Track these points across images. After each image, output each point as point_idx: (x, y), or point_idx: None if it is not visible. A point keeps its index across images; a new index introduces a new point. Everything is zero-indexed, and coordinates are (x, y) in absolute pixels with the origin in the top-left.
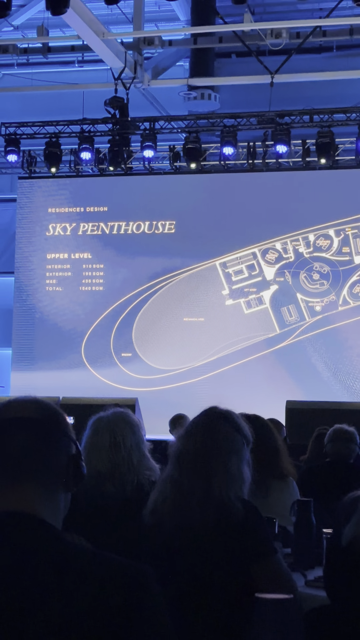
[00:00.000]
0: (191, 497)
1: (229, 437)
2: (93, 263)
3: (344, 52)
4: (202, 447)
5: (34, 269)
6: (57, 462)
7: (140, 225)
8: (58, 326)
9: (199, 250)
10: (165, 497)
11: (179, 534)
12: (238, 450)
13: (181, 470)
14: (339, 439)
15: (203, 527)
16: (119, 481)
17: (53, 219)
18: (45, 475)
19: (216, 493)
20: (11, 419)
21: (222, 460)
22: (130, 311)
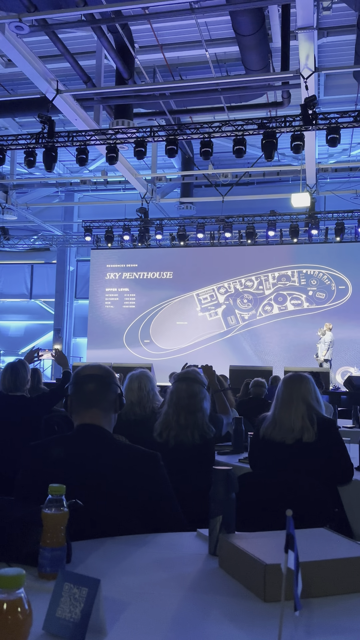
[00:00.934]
0: (186, 429)
1: (200, 390)
2: (129, 294)
3: (260, 186)
4: (189, 401)
5: (99, 296)
6: (110, 397)
7: (155, 274)
8: (111, 326)
9: (185, 287)
10: (170, 428)
11: (180, 449)
12: (204, 395)
13: (179, 414)
14: (257, 385)
15: (193, 444)
16: (142, 406)
17: (109, 270)
18: (104, 404)
19: (199, 421)
20: (86, 375)
21: (200, 404)
22: (149, 318)
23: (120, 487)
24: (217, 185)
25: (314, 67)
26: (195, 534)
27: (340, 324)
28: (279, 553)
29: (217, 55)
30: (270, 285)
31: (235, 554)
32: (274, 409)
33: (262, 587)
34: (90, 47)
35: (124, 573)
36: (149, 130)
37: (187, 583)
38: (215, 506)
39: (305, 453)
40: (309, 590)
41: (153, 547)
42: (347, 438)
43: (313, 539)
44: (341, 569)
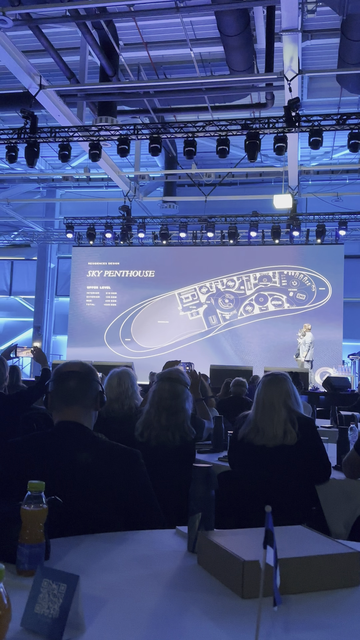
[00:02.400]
0: (167, 430)
1: (182, 390)
2: (111, 292)
3: (242, 186)
4: (172, 401)
5: (80, 293)
6: (91, 394)
7: (136, 272)
8: (92, 324)
9: (167, 286)
10: (152, 428)
11: (161, 449)
12: (187, 395)
13: (160, 413)
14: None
15: (173, 444)
16: (121, 403)
17: (90, 268)
18: (85, 401)
19: (180, 422)
20: (67, 371)
21: (182, 405)
22: (130, 317)
23: (100, 484)
24: (200, 185)
25: (297, 70)
26: (174, 531)
27: (320, 325)
28: (257, 550)
29: (201, 54)
30: (251, 285)
31: (213, 551)
32: (255, 413)
33: (240, 584)
34: (75, 43)
35: (102, 570)
36: (133, 128)
37: (165, 580)
38: (195, 503)
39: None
40: (286, 587)
41: (132, 545)
42: (326, 437)
43: (291, 536)
44: (318, 566)
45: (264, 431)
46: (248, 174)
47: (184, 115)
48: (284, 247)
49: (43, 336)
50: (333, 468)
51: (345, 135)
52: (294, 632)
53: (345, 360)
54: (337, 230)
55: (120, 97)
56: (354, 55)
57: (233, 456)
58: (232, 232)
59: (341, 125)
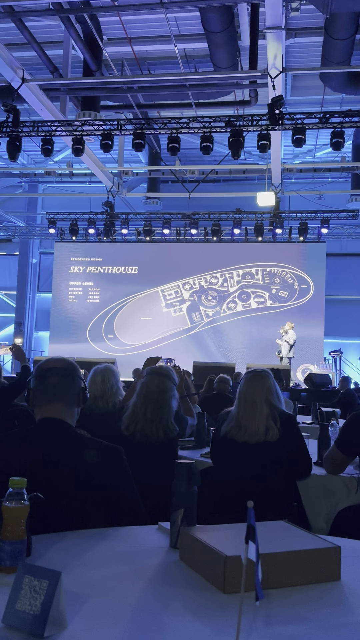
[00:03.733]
0: (152, 424)
1: (170, 387)
2: (94, 288)
3: (226, 183)
4: (159, 395)
5: (62, 289)
6: (74, 391)
7: (119, 269)
8: (74, 320)
9: (150, 283)
10: (137, 421)
11: (144, 443)
12: (174, 393)
13: (146, 407)
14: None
15: (157, 439)
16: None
17: (73, 264)
18: (68, 398)
19: (165, 417)
20: (50, 367)
21: (169, 401)
22: (113, 313)
23: (83, 481)
24: (184, 181)
25: (281, 67)
26: (157, 527)
27: (302, 322)
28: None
29: (185, 51)
30: (234, 282)
31: (195, 547)
32: (237, 410)
33: (222, 579)
34: (58, 37)
35: (84, 566)
36: (116, 123)
37: (147, 576)
38: (177, 499)
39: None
40: (267, 582)
41: (114, 541)
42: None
43: (273, 531)
44: (300, 561)
45: (246, 428)
46: (231, 171)
47: (168, 111)
48: (267, 245)
49: (25, 332)
50: (314, 464)
51: (327, 133)
52: (275, 626)
53: (326, 357)
54: (320, 228)
55: (103, 92)
56: (337, 54)
57: (215, 453)
58: (215, 229)
59: (324, 123)
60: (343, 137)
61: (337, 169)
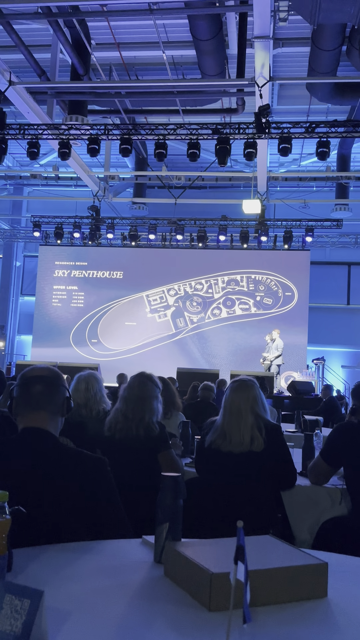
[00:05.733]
0: (132, 422)
1: (152, 388)
2: (78, 292)
3: (212, 190)
4: (139, 394)
5: (46, 293)
6: (58, 400)
7: (104, 273)
8: (58, 324)
9: (135, 288)
10: (117, 421)
11: (125, 442)
12: (156, 395)
13: (127, 407)
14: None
15: (137, 438)
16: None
17: (57, 267)
18: (52, 407)
19: (146, 419)
20: (34, 376)
21: (150, 400)
22: (97, 318)
23: (65, 493)
24: (170, 187)
25: (268, 77)
26: (141, 540)
27: (286, 330)
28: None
29: (174, 57)
30: (219, 289)
31: (181, 562)
32: (223, 419)
33: (208, 596)
34: (46, 40)
35: (66, 581)
36: (103, 128)
37: (131, 591)
38: (162, 513)
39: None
40: (254, 599)
41: (97, 555)
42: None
43: (258, 547)
44: (286, 578)
45: (231, 437)
46: (218, 178)
47: (155, 117)
48: (252, 252)
49: (7, 336)
50: (298, 474)
51: (313, 143)
52: None
53: (309, 364)
54: (304, 237)
55: (91, 96)
56: (323, 65)
57: (200, 462)
58: (201, 235)
59: (310, 133)
60: (329, 147)
61: (322, 178)
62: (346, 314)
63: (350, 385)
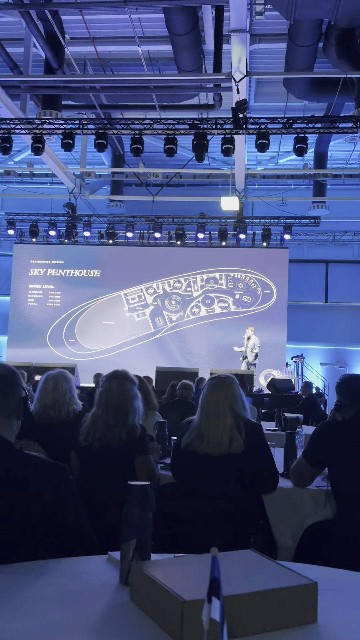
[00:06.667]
0: (114, 428)
1: (131, 387)
2: (54, 291)
3: (190, 188)
4: (120, 398)
5: (21, 292)
6: (13, 401)
7: (81, 272)
8: (34, 324)
9: (112, 286)
10: (97, 429)
11: (104, 451)
12: (135, 394)
13: (108, 413)
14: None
15: (119, 444)
16: (57, 410)
17: (33, 266)
18: (5, 409)
19: (130, 422)
20: None
21: (131, 402)
22: (74, 317)
23: (20, 505)
24: (148, 185)
25: (245, 71)
26: (106, 557)
27: (265, 328)
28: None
29: (149, 52)
30: (198, 287)
31: (148, 586)
32: (200, 419)
33: (179, 629)
34: (19, 34)
35: (13, 614)
36: (78, 122)
37: (90, 624)
38: (129, 528)
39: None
40: (233, 628)
41: (55, 577)
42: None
43: (238, 565)
44: (270, 602)
45: (209, 439)
46: (195, 176)
47: (131, 113)
48: (230, 250)
49: None
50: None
51: (290, 141)
52: None
53: (288, 362)
54: (282, 234)
55: (65, 90)
56: (300, 61)
57: (176, 465)
58: (179, 233)
59: (287, 129)
60: (306, 142)
61: (299, 176)
62: (324, 312)
63: (329, 383)
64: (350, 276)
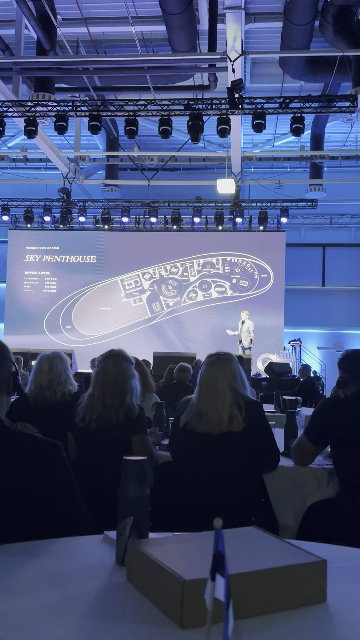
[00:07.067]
0: (111, 408)
1: (127, 367)
2: (50, 277)
3: (186, 172)
4: (116, 378)
5: (17, 279)
6: (2, 376)
7: (77, 257)
8: (30, 311)
9: (109, 272)
10: (94, 410)
11: (101, 430)
12: (132, 373)
13: (104, 393)
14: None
15: (116, 424)
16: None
17: (28, 252)
18: None
19: (127, 402)
20: None
21: (128, 382)
22: (70, 303)
23: (12, 483)
24: (143, 169)
25: (241, 50)
26: (102, 537)
27: (262, 312)
28: (201, 563)
29: (143, 33)
30: (195, 272)
31: (146, 566)
32: (198, 397)
33: (179, 610)
34: (10, 15)
35: (4, 595)
36: (71, 104)
37: (85, 606)
38: (125, 505)
39: (232, 442)
40: (237, 610)
41: (47, 558)
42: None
43: (241, 542)
44: (276, 581)
45: (208, 417)
46: (191, 159)
47: (126, 95)
48: (227, 234)
49: None
50: (281, 454)
51: (287, 122)
52: None
53: (286, 346)
54: (279, 218)
55: (58, 72)
56: (296, 40)
57: (174, 445)
58: (175, 217)
59: (284, 108)
60: (303, 122)
61: (296, 158)
62: (321, 296)
63: (327, 366)
64: (348, 259)
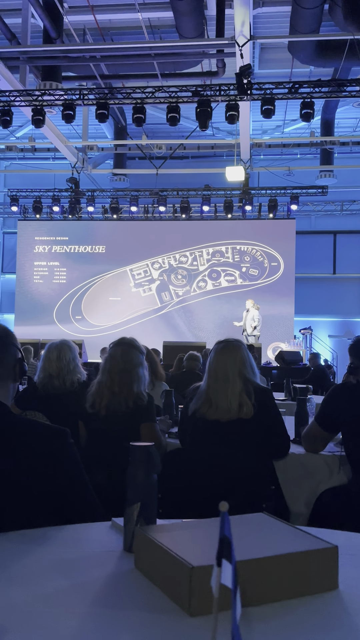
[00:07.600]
0: (119, 395)
1: (136, 355)
2: (60, 267)
3: (194, 160)
4: (124, 365)
5: (27, 270)
6: (9, 362)
7: (86, 247)
8: (40, 301)
9: (118, 262)
10: (103, 396)
11: (110, 417)
12: (141, 361)
13: (112, 380)
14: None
15: (125, 411)
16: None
17: (38, 243)
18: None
19: (135, 390)
20: None
21: (136, 370)
22: (80, 294)
23: (20, 470)
24: (151, 157)
25: (249, 35)
26: (110, 524)
27: (273, 300)
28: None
29: (150, 20)
30: (204, 261)
31: (154, 552)
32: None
33: (187, 598)
34: (16, 4)
35: (11, 583)
36: (78, 92)
37: (92, 593)
38: (133, 491)
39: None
40: (247, 597)
41: (55, 545)
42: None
43: (251, 528)
44: (287, 568)
45: (218, 404)
46: (200, 147)
47: (133, 82)
48: (236, 222)
49: None
50: (291, 441)
51: (296, 109)
52: None
53: (296, 335)
54: (289, 205)
55: (65, 61)
56: (305, 24)
57: (183, 433)
58: (184, 206)
59: (293, 94)
60: (313, 108)
61: (306, 144)
62: (332, 284)
63: (338, 355)
64: (359, 247)
